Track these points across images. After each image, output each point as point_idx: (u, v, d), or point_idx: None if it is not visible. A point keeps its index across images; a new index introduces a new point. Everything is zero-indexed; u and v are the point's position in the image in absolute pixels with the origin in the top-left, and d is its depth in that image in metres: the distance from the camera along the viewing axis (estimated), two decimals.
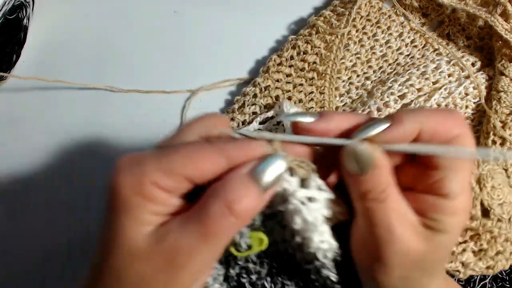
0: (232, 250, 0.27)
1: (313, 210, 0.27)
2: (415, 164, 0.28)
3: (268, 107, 0.44)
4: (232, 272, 0.30)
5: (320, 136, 0.27)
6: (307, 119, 0.27)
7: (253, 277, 0.30)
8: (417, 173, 0.28)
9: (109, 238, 0.25)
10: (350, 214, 0.28)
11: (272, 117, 0.40)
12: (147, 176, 0.24)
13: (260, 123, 0.41)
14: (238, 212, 0.24)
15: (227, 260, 0.30)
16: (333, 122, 0.27)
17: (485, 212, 0.39)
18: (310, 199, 0.27)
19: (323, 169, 0.28)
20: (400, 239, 0.26)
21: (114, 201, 0.24)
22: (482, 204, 0.38)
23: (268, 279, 0.30)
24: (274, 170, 0.26)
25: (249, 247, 0.28)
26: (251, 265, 0.30)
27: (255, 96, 0.44)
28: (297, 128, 0.28)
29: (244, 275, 0.30)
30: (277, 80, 0.45)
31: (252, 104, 0.44)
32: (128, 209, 0.24)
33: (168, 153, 0.25)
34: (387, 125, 0.26)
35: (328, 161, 0.29)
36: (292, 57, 0.46)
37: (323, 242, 0.27)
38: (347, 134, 0.27)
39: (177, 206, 0.25)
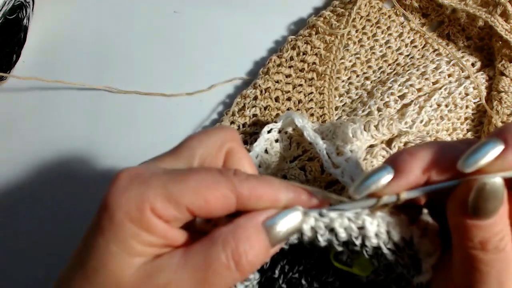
0: (332, 257, 0.25)
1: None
2: None
3: (268, 109, 0.44)
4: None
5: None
6: (382, 181, 0.23)
7: None
8: None
9: (93, 264, 0.22)
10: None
11: (280, 131, 0.39)
12: (147, 202, 0.21)
13: (268, 132, 0.40)
14: (243, 267, 0.22)
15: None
16: (413, 172, 0.23)
17: None
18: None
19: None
20: None
21: (106, 223, 0.22)
22: None
23: None
24: (290, 224, 0.23)
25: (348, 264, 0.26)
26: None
27: (255, 98, 0.44)
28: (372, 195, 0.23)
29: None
30: (277, 81, 0.45)
31: (253, 107, 0.43)
32: (120, 236, 0.21)
33: (177, 177, 0.22)
34: (500, 147, 0.21)
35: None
36: (292, 58, 0.46)
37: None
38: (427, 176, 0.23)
39: (173, 238, 0.23)
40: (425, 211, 0.25)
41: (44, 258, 0.41)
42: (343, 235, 0.24)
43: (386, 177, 0.23)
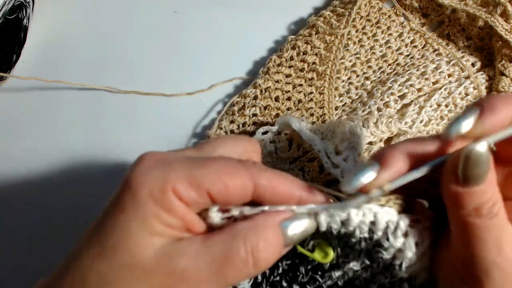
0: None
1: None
2: None
3: (268, 109, 0.44)
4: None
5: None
6: (369, 176, 0.24)
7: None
8: None
9: (112, 241, 0.22)
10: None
11: (279, 133, 0.40)
12: (170, 183, 0.22)
13: (263, 133, 0.41)
14: (260, 263, 0.23)
15: None
16: (399, 163, 0.24)
17: None
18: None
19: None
20: (509, 261, 0.23)
21: (128, 200, 0.22)
22: None
23: None
24: (302, 227, 0.24)
25: (312, 250, 0.27)
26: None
27: (255, 98, 0.44)
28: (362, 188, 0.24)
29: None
30: (277, 81, 0.45)
31: (253, 106, 0.44)
32: (141, 213, 0.22)
33: (199, 163, 0.23)
34: (476, 112, 0.23)
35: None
36: (292, 58, 0.46)
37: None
38: (416, 161, 0.24)
39: (192, 222, 0.23)
40: (424, 202, 0.27)
41: (44, 258, 0.41)
42: (351, 228, 0.25)
43: (370, 174, 0.24)
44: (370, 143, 0.39)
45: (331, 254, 0.27)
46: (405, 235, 0.25)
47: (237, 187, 0.23)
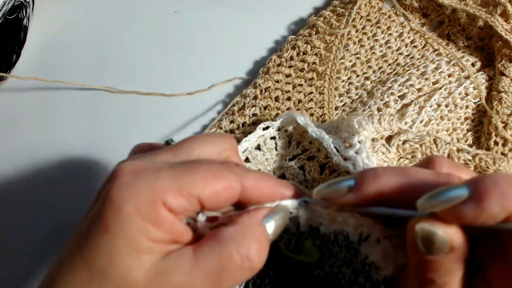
0: (282, 246, 0.26)
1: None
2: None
3: (268, 109, 0.44)
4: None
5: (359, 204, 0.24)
6: (342, 188, 0.24)
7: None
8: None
9: (100, 265, 0.21)
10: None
11: (279, 128, 0.40)
12: (160, 195, 0.21)
13: (263, 129, 0.40)
14: (255, 264, 0.22)
15: None
16: (372, 189, 0.23)
17: None
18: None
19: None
20: None
21: (111, 219, 0.21)
22: None
23: None
24: (282, 220, 0.25)
25: (297, 252, 0.27)
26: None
27: (255, 98, 0.44)
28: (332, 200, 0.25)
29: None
30: (277, 81, 0.45)
31: (253, 106, 0.43)
32: (128, 232, 0.21)
33: (185, 170, 0.22)
34: (464, 192, 0.20)
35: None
36: (291, 58, 0.46)
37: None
38: (401, 194, 0.23)
39: (180, 232, 0.22)
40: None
41: (44, 257, 0.41)
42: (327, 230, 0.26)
43: (340, 188, 0.24)
44: (372, 139, 0.39)
45: (316, 253, 0.27)
46: (378, 241, 0.25)
47: (226, 191, 0.23)
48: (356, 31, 0.48)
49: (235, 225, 0.23)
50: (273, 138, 0.39)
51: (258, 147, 0.38)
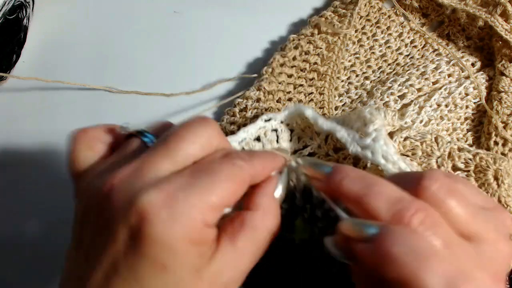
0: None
1: None
2: None
3: (269, 110, 0.43)
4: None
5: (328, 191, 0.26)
6: (320, 172, 0.27)
7: None
8: None
9: None
10: None
11: (282, 121, 0.40)
12: (199, 218, 0.22)
13: (266, 120, 0.40)
14: (276, 233, 0.26)
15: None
16: (338, 188, 0.25)
17: None
18: None
19: None
20: None
21: (167, 258, 0.21)
22: (499, 201, 0.38)
23: None
24: (285, 186, 0.28)
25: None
26: None
27: (258, 100, 0.43)
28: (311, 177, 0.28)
29: None
30: (280, 83, 0.45)
31: (255, 108, 0.43)
32: (189, 264, 0.22)
33: (208, 186, 0.23)
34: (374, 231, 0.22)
35: None
36: (294, 58, 0.46)
37: None
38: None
39: (215, 238, 0.24)
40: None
41: (43, 257, 0.41)
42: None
43: (319, 172, 0.27)
44: None
45: (307, 229, 0.29)
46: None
47: (242, 188, 0.25)
48: (356, 31, 0.48)
49: (259, 210, 0.25)
50: (274, 130, 0.38)
51: (257, 138, 0.38)
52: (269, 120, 0.38)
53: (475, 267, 0.21)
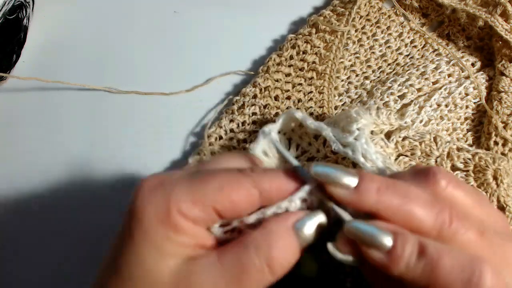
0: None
1: None
2: None
3: (268, 108, 0.44)
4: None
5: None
6: (342, 183, 0.24)
7: None
8: None
9: (126, 270, 0.23)
10: None
11: (279, 131, 0.39)
12: (174, 204, 0.23)
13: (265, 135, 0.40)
14: (276, 270, 0.23)
15: None
16: (374, 203, 0.24)
17: (501, 210, 0.38)
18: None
19: None
20: None
21: (135, 229, 0.23)
22: (498, 200, 0.38)
23: None
24: (316, 224, 0.24)
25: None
26: None
27: (255, 96, 0.44)
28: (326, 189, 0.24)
29: None
30: (277, 80, 0.45)
31: (252, 105, 0.44)
32: (151, 239, 0.23)
33: (199, 180, 0.23)
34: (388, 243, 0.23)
35: None
36: (291, 57, 0.46)
37: None
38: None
39: (203, 238, 0.24)
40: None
41: (43, 257, 0.41)
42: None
43: (350, 179, 0.24)
44: (372, 132, 0.39)
45: (315, 266, 0.27)
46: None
47: (243, 199, 0.24)
48: (356, 30, 0.48)
49: (259, 230, 0.23)
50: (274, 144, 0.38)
51: (265, 153, 0.38)
52: (269, 133, 0.38)
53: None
